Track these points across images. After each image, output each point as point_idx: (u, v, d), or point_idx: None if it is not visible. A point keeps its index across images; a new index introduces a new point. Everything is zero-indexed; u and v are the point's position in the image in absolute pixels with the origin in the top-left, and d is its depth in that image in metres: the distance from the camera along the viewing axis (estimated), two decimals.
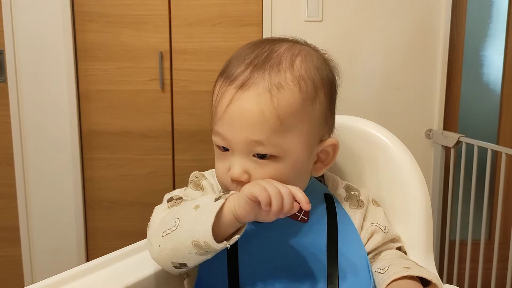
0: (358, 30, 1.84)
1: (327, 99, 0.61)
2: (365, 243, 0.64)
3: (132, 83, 1.87)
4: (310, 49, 0.62)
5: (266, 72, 0.55)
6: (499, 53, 1.97)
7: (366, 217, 0.66)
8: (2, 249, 1.94)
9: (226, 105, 0.55)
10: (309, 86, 0.57)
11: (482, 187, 1.67)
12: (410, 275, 0.54)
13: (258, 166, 0.56)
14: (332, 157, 0.63)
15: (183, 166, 1.91)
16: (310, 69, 0.58)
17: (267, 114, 0.54)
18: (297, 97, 0.55)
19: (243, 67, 0.56)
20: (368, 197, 0.68)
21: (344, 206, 0.65)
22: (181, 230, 0.54)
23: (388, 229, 0.65)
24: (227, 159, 0.58)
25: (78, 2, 1.82)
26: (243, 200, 0.51)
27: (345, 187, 0.68)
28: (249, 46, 0.60)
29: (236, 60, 0.58)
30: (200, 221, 0.52)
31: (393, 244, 0.66)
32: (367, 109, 1.86)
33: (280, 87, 0.54)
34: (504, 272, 1.58)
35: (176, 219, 0.55)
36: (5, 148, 1.88)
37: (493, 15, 1.98)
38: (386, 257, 0.62)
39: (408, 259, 0.62)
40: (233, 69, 0.57)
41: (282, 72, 0.55)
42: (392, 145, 0.73)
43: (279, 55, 0.57)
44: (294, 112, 0.55)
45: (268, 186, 0.50)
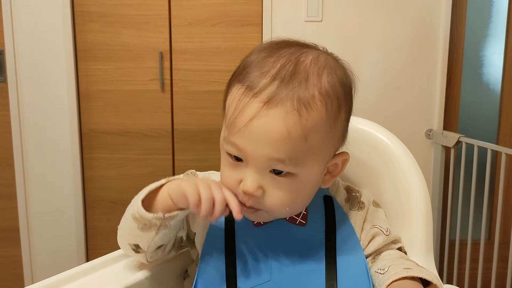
0: (358, 30, 1.84)
1: (347, 115, 0.60)
2: (366, 245, 0.63)
3: (132, 83, 1.87)
4: (332, 60, 0.59)
5: (294, 88, 0.52)
6: (499, 53, 1.97)
7: (367, 219, 0.65)
8: (2, 249, 1.94)
9: (249, 119, 0.52)
10: (334, 104, 0.55)
11: (482, 187, 1.67)
12: (410, 275, 0.54)
13: (273, 182, 0.55)
14: (341, 169, 0.62)
15: (183, 166, 1.91)
16: (336, 85, 0.56)
17: (294, 134, 0.51)
18: (323, 117, 0.54)
19: (268, 78, 0.52)
20: (369, 198, 0.67)
21: (344, 208, 0.65)
22: (128, 207, 0.59)
23: (390, 232, 0.64)
24: (239, 169, 0.55)
25: (78, 2, 1.82)
26: (178, 190, 0.55)
27: (346, 188, 0.68)
28: (269, 51, 0.56)
29: (257, 68, 0.54)
30: (138, 197, 0.58)
31: (394, 245, 0.66)
32: (367, 109, 1.86)
33: (308, 106, 0.52)
34: (504, 272, 1.58)
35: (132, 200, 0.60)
36: (5, 149, 1.88)
37: (493, 15, 1.98)
38: (386, 257, 0.62)
39: (408, 259, 0.62)
40: (256, 79, 0.53)
41: (310, 89, 0.53)
42: (392, 145, 0.73)
43: (306, 68, 0.54)
44: (319, 132, 0.54)
45: (202, 190, 0.52)
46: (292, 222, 0.60)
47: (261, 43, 0.61)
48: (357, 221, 0.64)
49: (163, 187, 0.58)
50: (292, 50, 0.56)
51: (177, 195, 0.55)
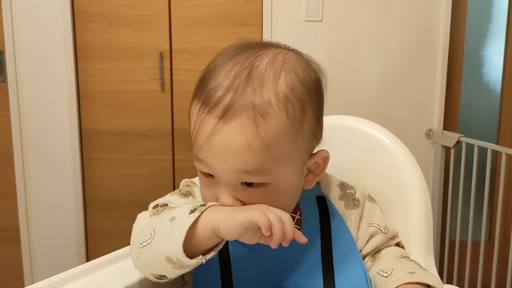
0: (358, 30, 1.84)
1: (315, 115, 0.56)
2: (364, 244, 0.62)
3: (132, 83, 1.87)
4: (293, 58, 0.55)
5: (249, 97, 0.50)
6: (499, 53, 1.97)
7: (363, 216, 0.64)
8: (2, 249, 1.94)
9: (207, 136, 0.50)
10: (296, 107, 0.52)
11: (482, 187, 1.67)
12: (415, 281, 0.53)
13: (247, 194, 0.53)
14: (323, 168, 0.60)
15: (183, 166, 1.91)
16: (296, 87, 0.53)
17: (254, 145, 0.49)
18: (284, 123, 0.51)
19: (222, 91, 0.50)
20: (363, 194, 0.66)
21: (338, 207, 0.63)
22: (156, 243, 0.52)
23: (388, 229, 0.64)
24: (214, 187, 0.54)
25: (78, 2, 1.82)
26: (234, 222, 0.48)
27: (339, 184, 0.66)
28: (225, 59, 0.54)
29: (212, 80, 0.52)
30: (172, 236, 0.49)
31: (392, 241, 0.65)
32: (367, 109, 1.86)
33: (265, 114, 0.49)
34: (504, 273, 1.58)
35: (152, 231, 0.53)
36: (5, 148, 1.88)
37: (493, 15, 1.98)
38: (387, 257, 0.62)
39: (411, 261, 0.61)
40: (211, 93, 0.51)
41: (265, 96, 0.50)
42: (392, 145, 0.73)
43: (261, 74, 0.51)
44: (282, 139, 0.51)
45: (268, 213, 0.48)
46: None
47: (225, 47, 0.57)
48: (353, 219, 0.63)
49: (199, 222, 0.50)
50: (247, 55, 0.53)
51: (233, 229, 0.48)
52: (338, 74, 1.84)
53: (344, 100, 1.85)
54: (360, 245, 0.63)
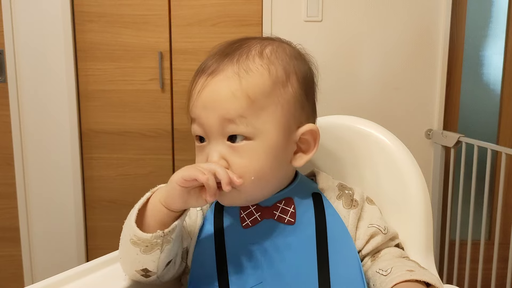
0: (358, 30, 1.84)
1: (301, 85, 0.60)
2: (364, 244, 0.62)
3: (132, 83, 1.87)
4: (284, 43, 0.63)
5: (235, 58, 0.57)
6: (499, 53, 1.97)
7: (362, 217, 0.64)
8: (2, 249, 1.94)
9: (198, 91, 0.57)
10: (279, 70, 0.58)
11: (482, 187, 1.67)
12: (414, 279, 0.54)
13: (233, 151, 0.56)
14: (314, 146, 0.62)
15: (183, 166, 1.90)
16: (280, 57, 0.59)
17: (237, 94, 0.55)
18: (266, 79, 0.57)
19: (214, 58, 0.59)
20: (362, 195, 0.66)
21: (336, 206, 0.64)
22: (123, 233, 0.56)
23: (388, 230, 0.64)
24: (204, 150, 0.59)
25: (78, 2, 1.82)
26: (170, 187, 0.53)
27: (338, 185, 0.67)
28: (220, 47, 0.62)
29: (209, 56, 0.61)
30: (129, 218, 0.54)
31: (392, 242, 0.65)
32: (367, 109, 1.86)
33: (248, 70, 0.56)
34: (504, 272, 1.58)
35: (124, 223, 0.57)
36: (5, 148, 1.88)
37: (493, 15, 1.98)
38: (387, 256, 0.61)
39: (410, 260, 0.61)
40: (206, 62, 0.59)
41: (251, 58, 0.57)
42: (392, 145, 0.73)
43: (249, 45, 0.59)
44: (264, 92, 0.56)
45: (198, 167, 0.53)
46: (280, 222, 0.59)
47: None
48: (351, 219, 0.63)
49: (149, 200, 0.55)
50: (246, 39, 0.61)
51: (171, 194, 0.53)
52: (338, 74, 1.84)
53: (344, 100, 1.85)
54: (360, 245, 0.62)
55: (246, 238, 0.59)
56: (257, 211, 0.59)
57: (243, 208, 0.60)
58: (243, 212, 0.60)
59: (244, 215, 0.60)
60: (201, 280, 0.58)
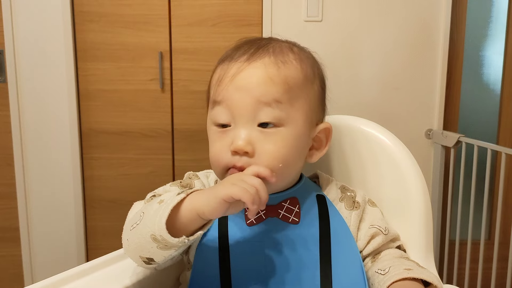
0: (358, 30, 1.84)
1: (322, 86, 0.65)
2: (365, 245, 0.63)
3: (132, 83, 1.87)
4: (301, 46, 0.67)
5: (270, 50, 0.59)
6: (499, 53, 1.97)
7: (363, 218, 0.65)
8: (2, 249, 1.94)
9: (232, 75, 0.57)
10: (308, 68, 0.61)
11: (482, 187, 1.67)
12: (411, 277, 0.54)
13: (262, 136, 0.57)
14: (326, 143, 0.64)
15: (183, 165, 1.91)
16: (307, 56, 0.63)
17: (275, 80, 0.57)
18: (300, 73, 0.59)
19: (245, 49, 0.59)
20: (364, 198, 0.67)
21: (339, 207, 0.64)
22: (143, 223, 0.54)
23: (388, 230, 0.64)
24: (227, 135, 0.58)
25: (78, 2, 1.82)
26: (215, 201, 0.51)
27: (340, 188, 0.68)
28: (247, 39, 0.63)
29: (234, 50, 0.61)
30: (157, 214, 0.52)
31: (393, 243, 0.65)
32: (367, 109, 1.86)
33: (285, 61, 0.58)
34: (504, 272, 1.58)
35: (142, 213, 0.55)
36: (5, 148, 1.88)
37: (493, 15, 1.98)
38: (387, 257, 0.62)
39: (409, 260, 0.62)
40: (235, 54, 0.59)
41: (285, 52, 0.60)
42: (392, 145, 0.73)
43: (278, 42, 0.63)
44: (298, 84, 0.59)
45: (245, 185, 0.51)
46: (285, 221, 0.60)
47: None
48: (352, 220, 0.64)
49: (184, 202, 0.53)
50: (264, 37, 0.65)
51: (214, 206, 0.51)
52: (338, 74, 1.84)
53: (344, 100, 1.85)
54: (361, 245, 0.63)
55: (250, 236, 0.59)
56: (262, 209, 0.59)
57: None
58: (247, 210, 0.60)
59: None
60: (203, 276, 0.59)
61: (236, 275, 0.57)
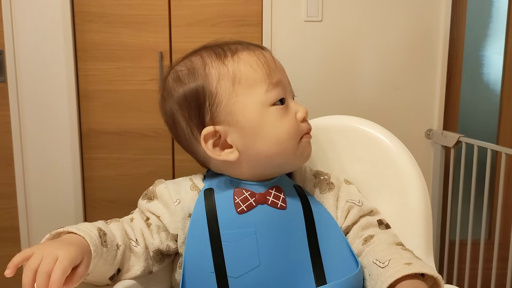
0: (358, 30, 1.84)
1: None
2: (344, 220, 0.66)
3: (132, 83, 1.87)
4: None
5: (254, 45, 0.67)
6: (499, 53, 1.97)
7: (340, 196, 0.69)
8: (2, 249, 1.94)
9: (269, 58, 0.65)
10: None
11: (482, 187, 1.67)
12: (413, 273, 0.54)
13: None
14: None
15: (182, 166, 1.91)
16: None
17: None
18: None
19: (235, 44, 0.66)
20: (338, 178, 0.71)
21: (315, 194, 0.68)
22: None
23: (362, 202, 0.68)
24: (288, 110, 0.64)
25: (78, 2, 1.82)
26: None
27: (314, 173, 0.71)
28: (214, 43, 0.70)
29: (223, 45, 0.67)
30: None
31: (372, 217, 0.68)
32: (367, 109, 1.86)
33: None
34: (504, 272, 1.58)
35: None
36: (5, 148, 1.88)
37: (493, 15, 1.98)
38: (382, 245, 0.62)
39: (405, 250, 0.62)
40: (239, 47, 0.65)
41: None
42: (392, 145, 0.73)
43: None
44: None
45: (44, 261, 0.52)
46: (274, 207, 0.62)
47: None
48: (330, 201, 0.68)
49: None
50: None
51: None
52: (337, 74, 1.84)
53: (344, 100, 1.85)
54: (340, 222, 0.66)
55: (241, 224, 0.60)
56: (252, 197, 0.62)
57: (237, 194, 0.62)
58: (237, 198, 0.62)
59: (238, 200, 0.62)
60: (196, 265, 0.59)
61: (231, 263, 0.58)
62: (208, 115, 0.62)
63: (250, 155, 0.62)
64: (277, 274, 0.58)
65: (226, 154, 0.62)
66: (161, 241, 0.64)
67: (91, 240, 0.55)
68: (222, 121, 0.62)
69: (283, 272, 0.58)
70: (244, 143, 0.62)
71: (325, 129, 0.79)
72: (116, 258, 0.60)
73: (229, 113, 0.62)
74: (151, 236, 0.64)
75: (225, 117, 0.62)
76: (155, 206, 0.65)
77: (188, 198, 0.65)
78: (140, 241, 0.64)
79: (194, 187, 0.66)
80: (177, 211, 0.64)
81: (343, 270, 0.59)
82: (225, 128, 0.62)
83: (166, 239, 0.64)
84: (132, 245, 0.63)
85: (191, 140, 0.66)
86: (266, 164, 0.64)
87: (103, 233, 0.58)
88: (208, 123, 0.62)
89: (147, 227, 0.65)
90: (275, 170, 0.65)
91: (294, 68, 1.80)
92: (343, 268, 0.60)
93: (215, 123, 0.62)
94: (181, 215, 0.64)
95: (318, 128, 0.76)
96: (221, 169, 0.66)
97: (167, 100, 0.69)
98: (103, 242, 0.57)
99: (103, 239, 0.57)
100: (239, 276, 0.57)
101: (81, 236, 0.55)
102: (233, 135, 0.62)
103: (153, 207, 0.65)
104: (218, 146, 0.63)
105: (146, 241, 0.64)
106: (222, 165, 0.65)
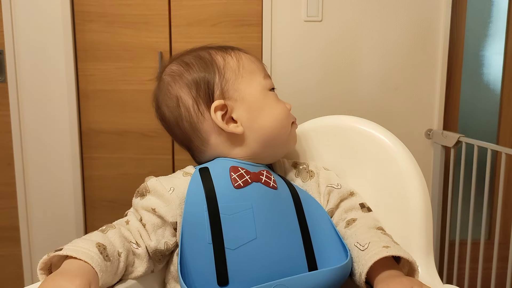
0: (358, 30, 1.84)
1: None
2: (326, 204, 0.69)
3: (132, 83, 1.87)
4: None
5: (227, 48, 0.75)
6: (499, 53, 1.97)
7: (320, 182, 0.72)
8: (2, 248, 1.94)
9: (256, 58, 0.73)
10: None
11: (482, 187, 1.67)
12: (390, 255, 0.57)
13: None
14: None
15: (182, 166, 1.89)
16: None
17: None
18: None
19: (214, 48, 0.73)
20: (316, 166, 0.74)
21: (297, 183, 0.72)
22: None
23: (341, 185, 0.71)
24: (279, 99, 0.72)
25: (78, 2, 1.82)
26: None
27: (293, 164, 0.75)
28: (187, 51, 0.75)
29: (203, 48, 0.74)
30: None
31: (352, 199, 0.71)
32: (367, 109, 1.86)
33: None
34: (504, 272, 1.58)
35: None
36: (5, 148, 1.88)
37: (493, 15, 1.98)
38: (363, 229, 0.65)
39: (385, 234, 0.64)
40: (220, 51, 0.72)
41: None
42: (392, 145, 0.73)
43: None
44: None
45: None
46: (267, 186, 0.65)
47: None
48: (313, 188, 0.71)
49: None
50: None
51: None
52: (337, 74, 1.84)
53: (344, 100, 1.85)
54: (323, 206, 0.70)
55: (238, 197, 0.62)
56: (247, 174, 0.65)
57: (232, 171, 0.65)
58: (234, 174, 0.64)
59: (235, 176, 0.64)
60: (193, 235, 0.60)
61: (228, 234, 0.59)
62: (218, 90, 0.68)
63: (253, 130, 0.68)
64: (272, 248, 0.60)
65: (234, 127, 0.67)
66: (157, 241, 0.64)
67: (93, 261, 0.54)
68: (230, 97, 0.68)
69: (278, 247, 0.60)
70: (249, 118, 0.68)
71: (325, 129, 0.79)
72: (119, 267, 0.60)
73: (237, 89, 0.68)
74: (148, 237, 0.64)
75: (233, 94, 0.68)
76: (148, 201, 0.66)
77: (182, 185, 0.66)
78: (140, 242, 0.64)
79: (187, 174, 0.70)
80: (173, 198, 0.65)
81: (333, 256, 0.61)
82: (232, 103, 0.68)
83: (162, 236, 0.64)
84: (134, 247, 0.63)
85: (196, 117, 0.69)
86: (264, 141, 0.69)
87: (103, 248, 0.57)
88: (218, 97, 0.68)
89: (143, 227, 0.65)
90: (269, 151, 0.70)
91: (294, 67, 1.80)
92: (332, 254, 0.62)
93: (224, 98, 0.68)
94: (177, 202, 0.64)
95: (318, 127, 0.76)
96: (219, 149, 0.69)
97: (172, 84, 0.72)
98: (105, 257, 0.56)
99: (104, 254, 0.56)
100: (236, 248, 0.58)
101: (82, 260, 0.54)
102: (239, 111, 0.68)
103: (147, 203, 0.66)
104: (224, 121, 0.67)
105: (144, 242, 0.64)
106: (221, 143, 0.69)
